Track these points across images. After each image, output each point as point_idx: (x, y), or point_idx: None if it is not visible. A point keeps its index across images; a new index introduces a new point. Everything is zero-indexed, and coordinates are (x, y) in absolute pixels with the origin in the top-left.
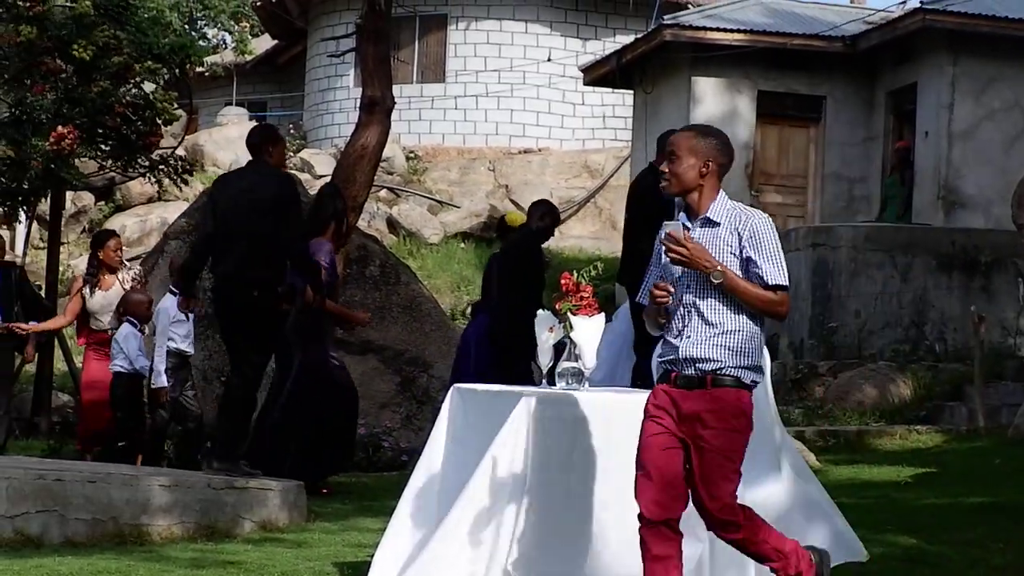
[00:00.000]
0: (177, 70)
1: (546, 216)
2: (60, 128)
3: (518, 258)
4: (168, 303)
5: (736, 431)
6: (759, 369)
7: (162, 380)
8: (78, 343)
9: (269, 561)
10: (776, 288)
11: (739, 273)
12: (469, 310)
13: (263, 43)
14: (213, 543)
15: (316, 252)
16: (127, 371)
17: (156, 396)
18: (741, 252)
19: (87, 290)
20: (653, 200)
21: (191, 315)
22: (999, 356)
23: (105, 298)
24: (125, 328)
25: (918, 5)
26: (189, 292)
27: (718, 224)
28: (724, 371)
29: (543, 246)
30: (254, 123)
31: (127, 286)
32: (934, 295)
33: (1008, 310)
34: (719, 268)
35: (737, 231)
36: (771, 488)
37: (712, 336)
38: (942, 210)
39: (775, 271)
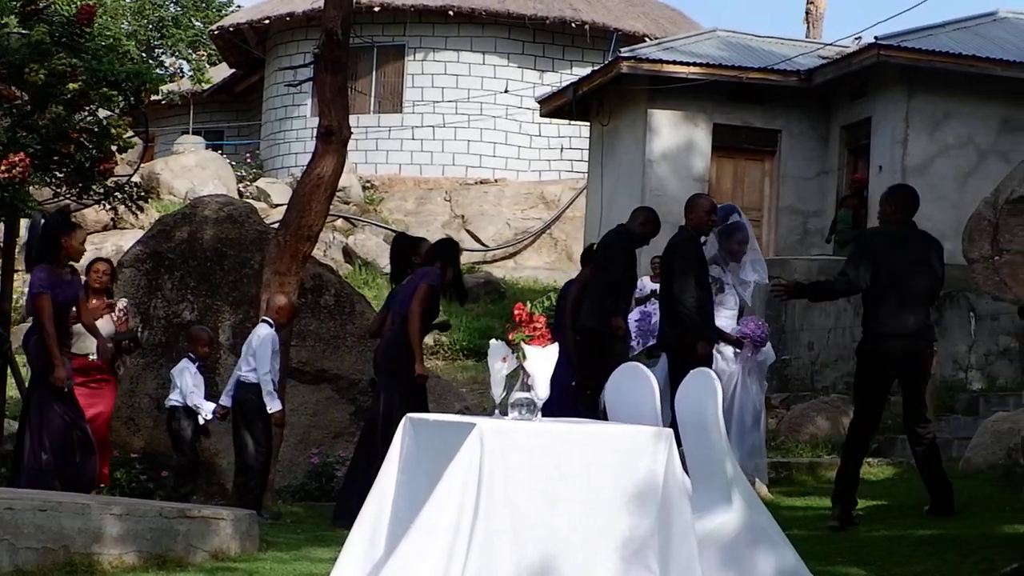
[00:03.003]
0: (133, 98)
1: (647, 224)
2: (12, 155)
3: (613, 251)
4: (266, 331)
5: None
6: None
7: (276, 404)
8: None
9: None
10: None
11: None
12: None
13: (220, 72)
14: (165, 572)
15: None
16: (180, 405)
17: (274, 420)
18: None
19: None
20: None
21: None
22: (951, 390)
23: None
24: (184, 362)
25: (873, 40)
26: None
27: None
28: None
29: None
30: (211, 152)
31: (115, 316)
32: None
33: (960, 344)
34: None
35: None
36: (722, 519)
37: None
38: None
39: None
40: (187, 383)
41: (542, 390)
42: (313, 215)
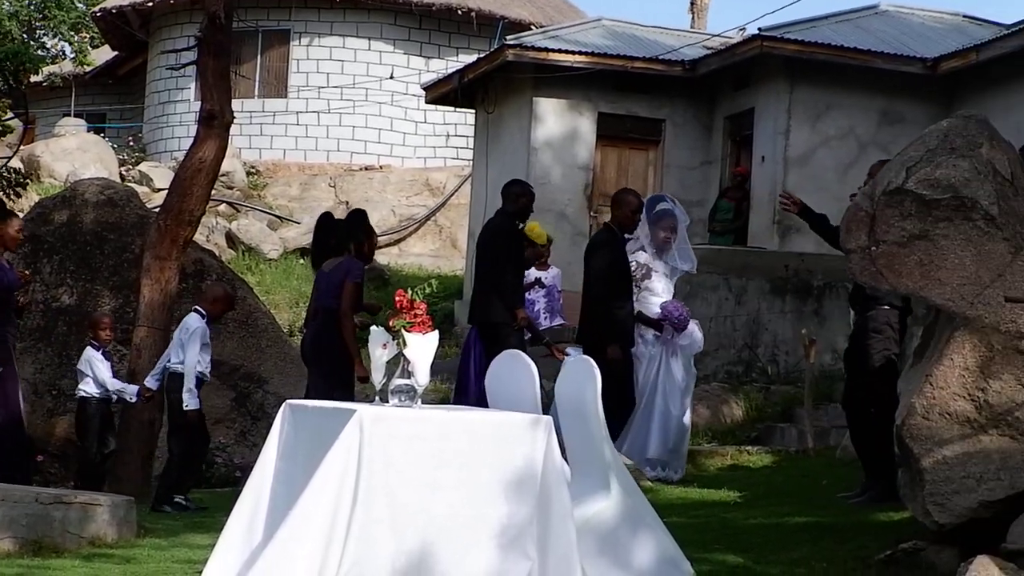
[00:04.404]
0: (12, 78)
1: (522, 197)
2: None
3: (499, 241)
4: (197, 322)
5: None
6: None
7: (195, 402)
8: None
9: None
10: None
11: None
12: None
13: (103, 54)
14: (40, 559)
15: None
16: (97, 396)
17: (188, 417)
18: None
19: None
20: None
21: None
22: (829, 379)
23: None
24: (89, 351)
25: (757, 32)
26: None
27: None
28: None
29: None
30: (92, 135)
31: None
32: (767, 318)
33: (839, 334)
34: None
35: None
36: (600, 505)
37: None
38: (777, 234)
39: None
40: (102, 371)
41: (422, 377)
42: (194, 200)
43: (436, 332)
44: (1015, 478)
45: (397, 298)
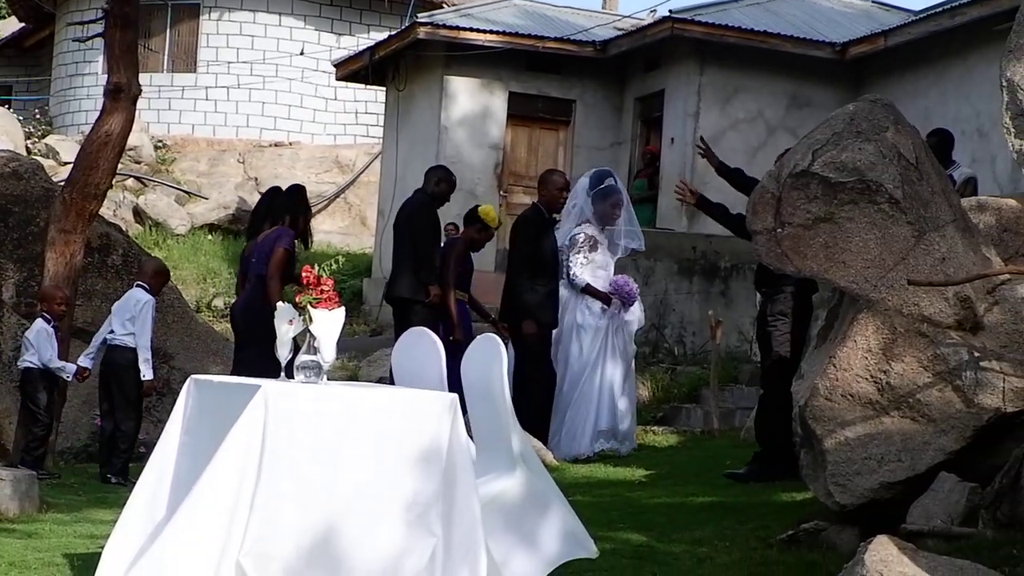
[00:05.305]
0: None
1: (442, 182)
2: None
3: (416, 219)
4: (146, 296)
5: None
6: None
7: (151, 372)
8: None
9: None
10: None
11: None
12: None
13: (10, 26)
14: None
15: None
16: (36, 367)
17: (146, 388)
18: None
19: None
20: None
21: None
22: (735, 360)
23: None
24: (41, 323)
25: (667, 14)
26: None
27: None
28: None
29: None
30: None
31: None
32: (675, 299)
33: (745, 316)
34: None
35: None
36: (505, 483)
37: None
38: (685, 216)
39: None
40: (45, 345)
41: (328, 353)
42: (100, 173)
43: (343, 309)
44: (916, 460)
45: (304, 274)
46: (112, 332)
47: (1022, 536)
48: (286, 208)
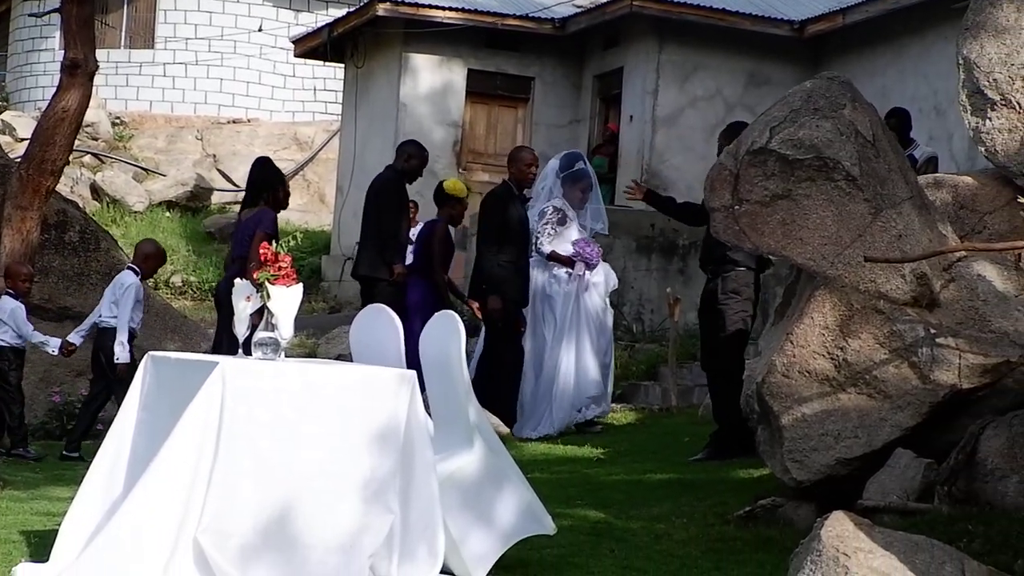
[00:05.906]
0: None
1: (412, 158)
2: None
3: (384, 197)
4: (132, 279)
5: None
6: None
7: (126, 356)
8: None
9: None
10: None
11: None
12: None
13: None
14: None
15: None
16: (7, 345)
17: (118, 371)
18: None
19: None
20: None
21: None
22: (693, 338)
23: None
24: (9, 301)
25: None
26: None
27: None
28: None
29: None
30: None
31: None
32: (633, 276)
33: None
34: None
35: None
36: (463, 460)
37: None
38: None
39: None
40: (20, 320)
41: (286, 330)
42: (57, 149)
43: (300, 285)
44: (872, 436)
45: (261, 251)
46: (101, 315)
47: (977, 511)
48: (261, 187)
